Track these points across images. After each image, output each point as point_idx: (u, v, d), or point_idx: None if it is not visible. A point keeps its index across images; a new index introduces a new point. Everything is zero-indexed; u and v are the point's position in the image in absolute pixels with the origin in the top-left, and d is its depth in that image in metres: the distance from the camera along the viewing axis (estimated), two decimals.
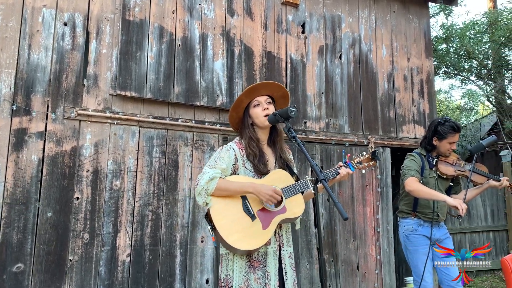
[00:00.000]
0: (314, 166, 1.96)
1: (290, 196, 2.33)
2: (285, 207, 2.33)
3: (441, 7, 8.59)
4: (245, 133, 2.48)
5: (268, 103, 2.48)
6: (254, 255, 2.31)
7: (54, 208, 3.56)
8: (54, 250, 3.52)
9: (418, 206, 3.49)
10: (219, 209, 2.26)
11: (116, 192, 3.79)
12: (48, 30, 3.71)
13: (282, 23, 4.81)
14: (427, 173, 3.50)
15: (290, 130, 2.18)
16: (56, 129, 3.65)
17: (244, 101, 2.48)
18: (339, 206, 1.68)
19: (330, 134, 4.89)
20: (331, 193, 1.78)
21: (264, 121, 2.42)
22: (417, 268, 3.42)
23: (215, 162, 2.37)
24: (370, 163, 2.51)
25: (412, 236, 3.48)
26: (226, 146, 2.47)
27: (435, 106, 5.84)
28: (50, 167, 3.59)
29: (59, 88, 3.70)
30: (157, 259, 3.86)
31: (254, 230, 2.24)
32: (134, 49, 3.96)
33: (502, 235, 7.31)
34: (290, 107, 2.17)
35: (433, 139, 3.49)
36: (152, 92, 3.97)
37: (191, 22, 4.25)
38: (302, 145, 2.08)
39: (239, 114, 2.54)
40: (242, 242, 2.20)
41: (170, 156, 4.04)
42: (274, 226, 2.27)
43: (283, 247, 2.39)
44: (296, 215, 2.34)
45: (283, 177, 2.39)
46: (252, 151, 2.40)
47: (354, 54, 5.25)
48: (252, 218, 2.26)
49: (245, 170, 2.39)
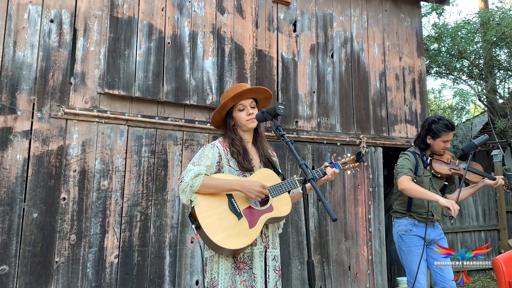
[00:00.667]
0: (302, 166, 1.92)
1: (277, 194, 2.29)
2: (272, 205, 2.29)
3: (433, 7, 8.59)
4: (228, 134, 2.47)
5: (252, 108, 2.47)
6: (240, 256, 2.26)
7: (40, 209, 3.48)
8: (40, 251, 3.44)
9: (413, 205, 3.45)
10: (204, 207, 2.20)
11: (104, 193, 3.72)
12: (34, 27, 3.63)
13: (273, 21, 4.77)
14: (421, 172, 3.45)
15: (278, 128, 2.12)
16: (42, 128, 3.57)
17: (229, 104, 2.47)
18: (328, 207, 1.63)
19: (322, 133, 4.85)
20: (320, 193, 1.73)
21: (248, 124, 2.42)
22: (410, 269, 3.37)
23: (199, 159, 2.32)
24: (355, 164, 2.48)
25: (406, 237, 3.43)
26: (210, 144, 2.43)
27: (427, 105, 5.83)
28: (36, 167, 3.51)
29: (45, 86, 3.62)
30: (146, 261, 3.80)
31: (241, 229, 2.18)
32: (122, 47, 3.89)
33: (493, 235, 7.32)
34: (278, 105, 2.11)
35: (427, 138, 3.45)
36: (140, 90, 3.90)
37: (181, 19, 4.19)
38: (291, 143, 2.03)
39: (222, 116, 2.52)
40: (228, 241, 2.14)
41: (159, 155, 3.98)
42: (261, 225, 2.23)
43: (269, 249, 2.35)
44: (282, 214, 2.30)
45: (269, 176, 2.35)
46: (236, 149, 2.37)
47: (346, 53, 5.22)
48: (239, 216, 2.21)
49: (229, 169, 2.35)
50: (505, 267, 3.51)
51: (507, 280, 3.48)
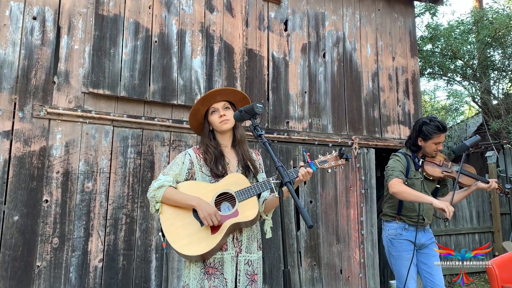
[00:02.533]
0: (279, 168, 1.84)
1: (244, 199, 2.27)
2: (238, 210, 2.27)
3: (426, 7, 8.54)
4: (203, 140, 2.48)
5: (225, 109, 2.45)
6: (209, 261, 2.25)
7: (21, 212, 3.38)
8: (21, 255, 3.34)
9: (403, 209, 3.35)
10: (168, 215, 2.26)
11: (88, 195, 3.62)
12: (16, 24, 3.53)
13: (264, 20, 4.68)
14: (413, 174, 3.35)
15: (256, 128, 2.05)
16: (23, 128, 3.47)
17: (200, 109, 2.47)
18: (303, 212, 1.55)
19: (313, 134, 4.77)
20: (296, 197, 1.65)
21: (222, 126, 2.41)
22: (400, 274, 3.28)
23: (170, 168, 2.38)
24: (338, 161, 2.39)
25: (396, 241, 3.33)
26: (183, 152, 2.47)
27: (421, 106, 5.76)
28: (17, 168, 3.41)
29: (28, 85, 3.52)
30: (132, 264, 3.70)
31: (202, 235, 2.21)
32: (108, 45, 3.79)
33: (487, 237, 7.25)
34: (257, 103, 2.05)
35: (418, 140, 3.35)
36: (126, 90, 3.81)
37: (169, 17, 4.10)
38: (268, 144, 1.95)
39: (199, 121, 2.52)
40: (188, 248, 2.17)
41: (145, 156, 3.88)
42: (224, 230, 2.22)
43: (241, 253, 2.31)
44: (248, 219, 2.25)
45: (239, 181, 2.33)
46: (208, 156, 2.38)
47: (338, 53, 5.14)
48: (201, 223, 2.22)
49: (202, 175, 2.38)
50: (498, 271, 3.44)
51: (500, 284, 3.41)
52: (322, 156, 2.41)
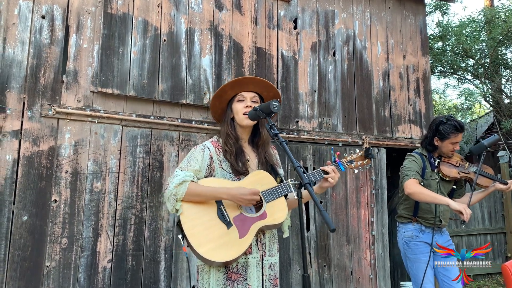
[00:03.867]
0: (297, 168, 1.73)
1: (271, 200, 2.11)
2: (266, 212, 2.10)
3: (437, 5, 8.43)
4: (223, 129, 2.26)
5: (253, 102, 2.25)
6: (232, 266, 2.08)
7: (30, 212, 3.36)
8: (30, 256, 3.32)
9: (419, 210, 3.27)
10: (191, 216, 2.04)
11: (97, 194, 3.59)
12: (24, 23, 3.51)
13: (273, 18, 4.63)
14: (429, 175, 3.27)
15: (272, 127, 1.94)
16: (32, 127, 3.45)
17: (228, 92, 2.26)
18: (325, 215, 1.45)
19: (323, 134, 4.71)
20: (317, 200, 1.54)
21: (243, 120, 2.20)
22: (417, 277, 3.19)
23: (188, 163, 2.15)
24: (364, 161, 2.28)
25: (412, 243, 3.25)
26: (201, 145, 2.24)
27: (432, 105, 5.68)
28: (26, 168, 3.39)
29: (36, 84, 3.50)
30: (141, 265, 3.67)
31: (230, 239, 2.02)
32: (116, 44, 3.76)
33: (499, 238, 7.15)
34: (273, 101, 1.93)
35: (434, 139, 3.27)
36: (135, 89, 3.78)
37: (177, 16, 4.07)
38: (285, 143, 1.87)
39: (222, 105, 2.31)
40: (215, 253, 1.98)
41: (154, 156, 3.85)
42: (252, 234, 2.05)
43: (265, 257, 2.16)
44: (277, 221, 2.10)
45: (264, 179, 2.16)
46: (228, 147, 2.17)
47: (348, 51, 5.08)
48: (228, 225, 2.04)
49: (222, 171, 2.16)
50: None
51: None
52: (347, 155, 2.28)
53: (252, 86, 2.27)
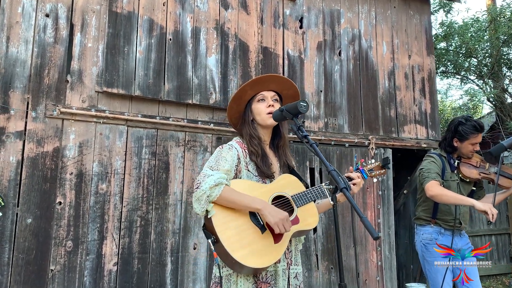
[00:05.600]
0: (332, 172, 1.64)
1: (302, 204, 2.03)
2: (298, 217, 2.01)
3: (441, 4, 8.38)
4: (245, 130, 2.16)
5: (274, 100, 2.17)
6: (262, 275, 1.98)
7: (35, 214, 3.29)
8: (34, 259, 3.25)
9: (439, 212, 3.20)
10: (223, 219, 1.90)
11: (102, 196, 3.53)
12: (28, 21, 3.44)
13: (279, 17, 4.57)
14: (449, 176, 3.21)
15: (300, 128, 1.84)
16: (36, 128, 3.38)
17: (248, 92, 2.16)
18: (367, 223, 1.38)
19: (329, 134, 4.66)
20: (356, 206, 1.47)
21: (267, 120, 2.10)
22: (435, 281, 3.13)
23: (217, 162, 2.01)
24: (381, 171, 2.23)
25: (431, 246, 3.18)
26: (227, 145, 2.13)
27: (437, 105, 5.63)
28: (30, 170, 3.32)
29: (40, 84, 3.43)
30: (146, 268, 3.60)
31: (265, 244, 1.90)
32: (121, 43, 3.70)
33: (504, 239, 7.11)
34: (300, 101, 1.84)
35: (454, 140, 3.20)
36: (141, 89, 3.71)
37: (183, 15, 4.00)
38: (316, 145, 1.78)
39: (239, 108, 2.21)
40: (252, 258, 1.85)
41: (160, 157, 3.78)
42: (287, 239, 1.96)
43: (291, 265, 2.08)
44: (310, 226, 2.03)
45: (293, 183, 2.08)
46: (254, 148, 2.07)
47: (354, 51, 5.02)
48: (262, 229, 1.92)
49: (248, 173, 2.06)
50: None
51: None
52: (366, 164, 2.22)
53: (274, 85, 2.18)
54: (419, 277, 5.52)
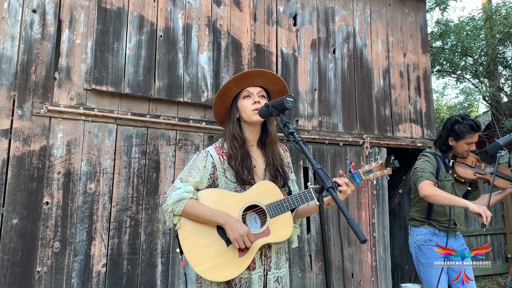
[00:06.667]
0: (318, 171, 1.56)
1: (276, 214, 1.95)
2: (269, 228, 1.94)
3: (437, 2, 8.33)
4: (228, 129, 2.09)
5: (261, 97, 2.09)
6: (235, 282, 1.95)
7: (21, 214, 3.21)
8: (20, 260, 3.17)
9: (433, 213, 3.13)
10: (189, 231, 1.93)
11: (91, 196, 3.45)
12: (14, 17, 3.36)
13: (272, 14, 4.50)
14: (443, 176, 3.14)
15: (286, 125, 1.78)
16: (23, 126, 3.30)
17: (233, 89, 2.08)
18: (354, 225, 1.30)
19: (323, 133, 4.59)
20: (342, 206, 1.39)
21: (252, 116, 2.02)
22: (430, 283, 3.06)
23: (188, 173, 2.01)
24: (384, 170, 2.11)
25: (425, 247, 3.11)
26: (204, 152, 2.07)
27: (432, 104, 5.58)
28: (16, 169, 3.24)
29: (27, 81, 3.35)
30: (136, 269, 3.53)
31: (229, 258, 1.89)
32: (111, 40, 3.62)
33: (499, 239, 7.07)
34: (287, 97, 1.77)
35: (449, 139, 3.13)
36: (130, 86, 3.64)
37: (174, 11, 3.93)
38: (302, 143, 1.71)
39: (226, 104, 2.14)
40: (213, 272, 1.87)
41: (150, 156, 3.71)
42: (253, 252, 1.91)
43: (270, 271, 2.02)
44: (281, 239, 1.95)
45: (269, 191, 2.00)
46: (234, 152, 2.01)
47: (348, 49, 4.96)
48: (228, 242, 1.90)
49: (226, 181, 2.01)
50: None
51: None
52: (365, 164, 2.11)
53: (259, 80, 2.10)
54: (414, 278, 5.48)
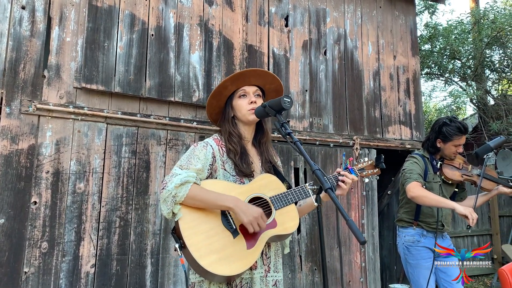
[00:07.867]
0: (316, 172, 1.54)
1: (281, 207, 1.90)
2: (275, 220, 1.88)
3: (426, 5, 8.42)
4: (224, 127, 2.06)
5: (257, 96, 2.08)
6: (236, 283, 1.87)
7: (8, 214, 3.15)
8: (7, 261, 3.12)
9: (421, 214, 3.17)
10: (191, 222, 1.77)
11: (80, 196, 3.41)
12: (3, 13, 3.30)
13: (264, 14, 4.50)
14: (431, 178, 3.18)
15: (283, 125, 1.76)
16: (11, 125, 3.25)
17: (229, 88, 2.06)
18: (353, 226, 1.31)
19: (314, 134, 4.60)
20: (341, 207, 1.39)
21: (248, 116, 2.01)
22: (418, 284, 3.10)
23: (188, 161, 1.89)
24: (374, 170, 2.12)
25: (413, 248, 3.15)
26: (203, 142, 2.01)
27: (421, 106, 5.63)
28: (4, 168, 3.19)
29: (15, 79, 3.30)
30: (126, 270, 3.49)
31: (236, 250, 1.77)
32: (101, 38, 3.58)
33: (486, 240, 7.17)
34: (284, 97, 1.76)
35: (437, 141, 3.17)
36: (121, 85, 3.60)
37: (166, 10, 3.90)
38: (300, 143, 1.69)
39: (220, 103, 2.11)
40: (220, 265, 1.72)
41: (140, 156, 3.68)
42: (261, 244, 1.83)
43: (269, 273, 1.96)
44: (288, 231, 1.89)
45: (272, 183, 1.96)
46: (232, 146, 1.96)
47: (339, 51, 4.98)
48: (234, 234, 1.80)
49: (224, 173, 1.94)
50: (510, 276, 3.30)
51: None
52: (357, 163, 2.10)
53: (255, 79, 2.08)
54: (402, 278, 5.52)
